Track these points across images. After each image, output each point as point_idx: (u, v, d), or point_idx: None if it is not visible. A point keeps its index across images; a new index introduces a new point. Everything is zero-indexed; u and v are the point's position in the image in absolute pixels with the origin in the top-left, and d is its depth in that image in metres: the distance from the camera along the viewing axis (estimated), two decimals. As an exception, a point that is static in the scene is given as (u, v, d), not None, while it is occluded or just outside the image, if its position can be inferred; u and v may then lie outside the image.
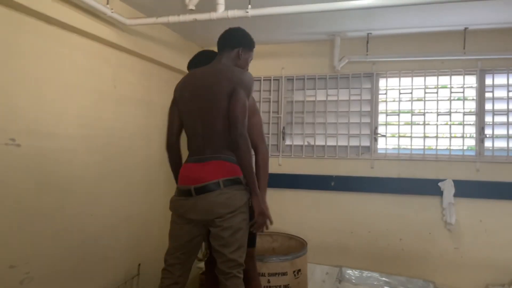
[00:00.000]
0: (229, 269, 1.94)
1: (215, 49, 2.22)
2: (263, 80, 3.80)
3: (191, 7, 2.35)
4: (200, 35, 3.48)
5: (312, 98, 3.68)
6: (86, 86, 2.52)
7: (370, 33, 3.35)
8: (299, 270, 2.72)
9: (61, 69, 2.32)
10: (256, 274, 2.34)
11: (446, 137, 3.34)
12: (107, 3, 2.41)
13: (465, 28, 3.14)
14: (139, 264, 3.03)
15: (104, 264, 2.69)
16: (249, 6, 2.29)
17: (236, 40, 2.16)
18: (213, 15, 2.34)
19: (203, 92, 2.02)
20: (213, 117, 1.98)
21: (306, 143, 3.68)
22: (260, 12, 2.29)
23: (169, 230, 2.11)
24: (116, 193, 2.81)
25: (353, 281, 3.32)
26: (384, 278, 3.29)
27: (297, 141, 3.71)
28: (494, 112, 3.24)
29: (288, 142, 3.73)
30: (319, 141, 3.64)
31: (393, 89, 3.49)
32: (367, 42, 3.40)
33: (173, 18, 2.46)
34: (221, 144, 2.00)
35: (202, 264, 3.48)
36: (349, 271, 3.35)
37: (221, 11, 2.34)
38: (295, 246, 3.10)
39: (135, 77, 3.04)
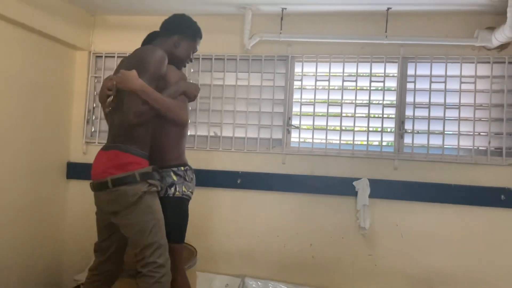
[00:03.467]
0: (139, 267, 1.86)
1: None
2: (164, 58, 3.23)
3: None
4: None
5: (220, 82, 3.18)
6: None
7: (285, 9, 2.91)
8: None
9: None
10: (179, 274, 2.04)
11: (364, 131, 2.99)
12: None
13: (388, 8, 2.79)
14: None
15: None
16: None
17: (175, 26, 2.04)
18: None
19: None
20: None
21: (212, 134, 3.19)
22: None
23: None
24: None
25: (257, 293, 2.90)
26: (291, 289, 2.90)
27: (202, 131, 3.20)
28: (415, 105, 2.94)
29: (191, 132, 3.20)
30: (227, 132, 3.17)
31: (309, 75, 3.08)
32: (282, 19, 2.95)
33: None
34: (128, 132, 1.87)
35: (78, 277, 2.91)
36: (252, 282, 2.92)
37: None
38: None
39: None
